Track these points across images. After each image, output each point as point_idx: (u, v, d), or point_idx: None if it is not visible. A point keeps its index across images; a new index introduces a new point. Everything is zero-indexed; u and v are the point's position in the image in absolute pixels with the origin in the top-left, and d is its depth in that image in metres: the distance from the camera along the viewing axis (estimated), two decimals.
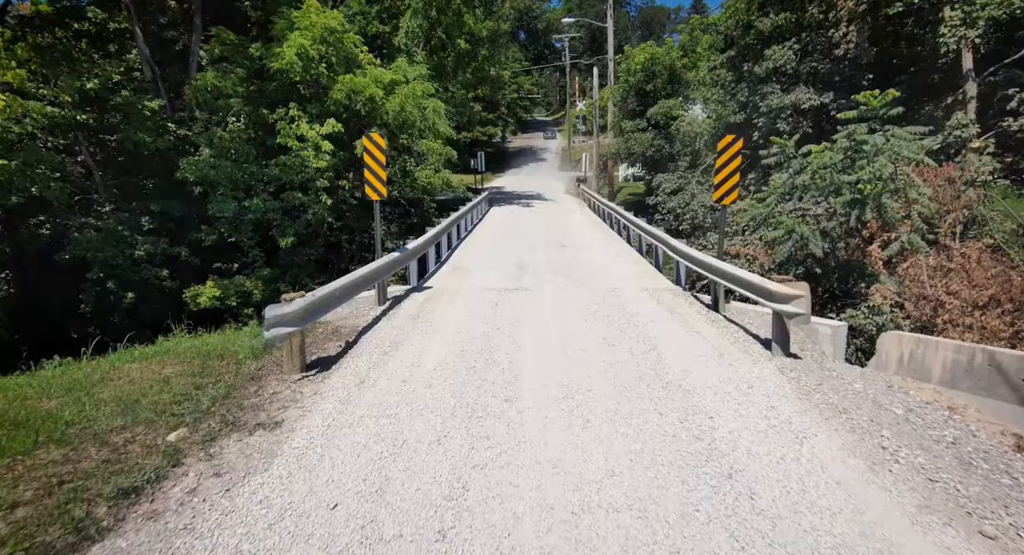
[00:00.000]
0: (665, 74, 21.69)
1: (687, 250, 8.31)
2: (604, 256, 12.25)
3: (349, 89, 16.31)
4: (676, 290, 8.81)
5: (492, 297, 8.28)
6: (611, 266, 10.97)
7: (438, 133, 18.44)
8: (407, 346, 6.05)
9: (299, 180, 16.45)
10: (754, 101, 14.81)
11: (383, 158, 7.48)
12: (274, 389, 4.97)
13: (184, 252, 16.83)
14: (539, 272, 10.32)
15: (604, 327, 6.75)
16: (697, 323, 6.93)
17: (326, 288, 5.76)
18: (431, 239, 10.42)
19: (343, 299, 6.31)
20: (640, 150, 21.37)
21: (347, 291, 6.32)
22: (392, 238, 19.61)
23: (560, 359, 5.61)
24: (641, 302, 7.98)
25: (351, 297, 6.67)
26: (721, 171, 7.18)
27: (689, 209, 15.87)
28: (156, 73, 17.94)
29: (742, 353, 5.82)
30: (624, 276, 9.95)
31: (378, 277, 7.37)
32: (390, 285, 11.49)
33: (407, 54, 22.16)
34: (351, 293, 6.52)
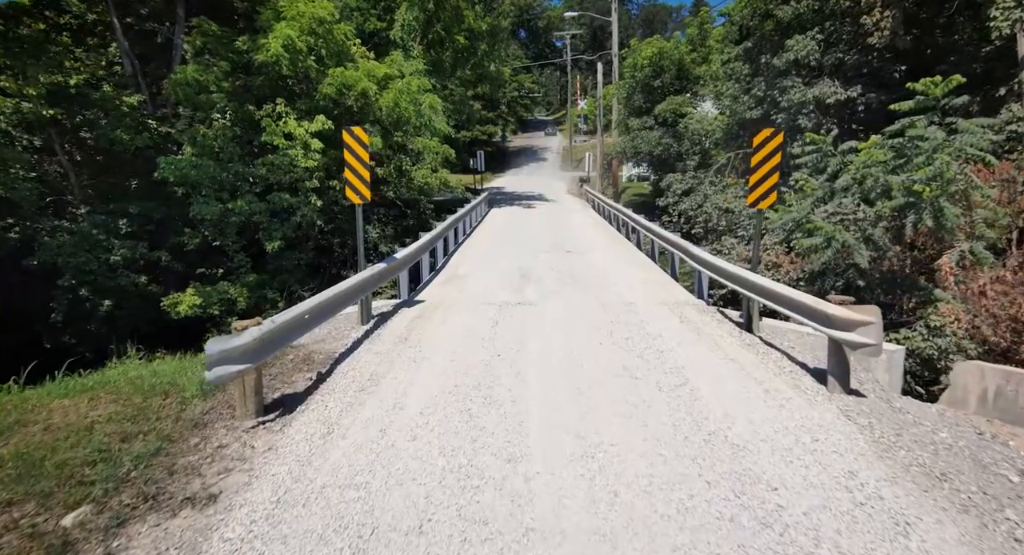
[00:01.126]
0: (673, 69, 20.69)
1: (713, 260, 7.33)
2: (613, 262, 11.26)
3: (340, 84, 15.34)
4: (698, 304, 7.83)
5: (491, 313, 7.29)
6: (622, 274, 9.99)
7: (435, 130, 17.46)
8: (390, 379, 5.06)
9: (287, 180, 15.49)
10: (772, 96, 13.83)
11: (366, 155, 6.51)
12: (220, 441, 3.99)
13: (165, 257, 15.87)
14: (543, 281, 9.34)
15: (622, 353, 5.77)
16: (730, 347, 5.94)
17: (291, 312, 4.78)
18: (424, 246, 9.44)
19: (315, 322, 5.32)
20: (647, 149, 20.39)
21: (319, 313, 5.33)
22: (387, 241, 18.64)
23: (573, 397, 4.63)
24: (661, 319, 6.99)
25: (328, 317, 5.69)
26: (758, 170, 6.19)
27: (702, 211, 14.88)
28: (136, 67, 16.95)
29: (792, 389, 4.83)
30: (637, 286, 8.97)
31: (359, 293, 6.39)
32: (377, 298, 10.51)
33: (403, 49, 21.20)
34: (325, 315, 5.54)
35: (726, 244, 14.10)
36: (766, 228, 13.89)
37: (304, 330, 5.12)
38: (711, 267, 7.38)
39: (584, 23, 75.72)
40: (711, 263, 7.36)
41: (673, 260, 9.93)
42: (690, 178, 16.08)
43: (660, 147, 20.01)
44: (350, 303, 6.10)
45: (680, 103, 19.98)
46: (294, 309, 4.89)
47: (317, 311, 5.27)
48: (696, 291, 8.33)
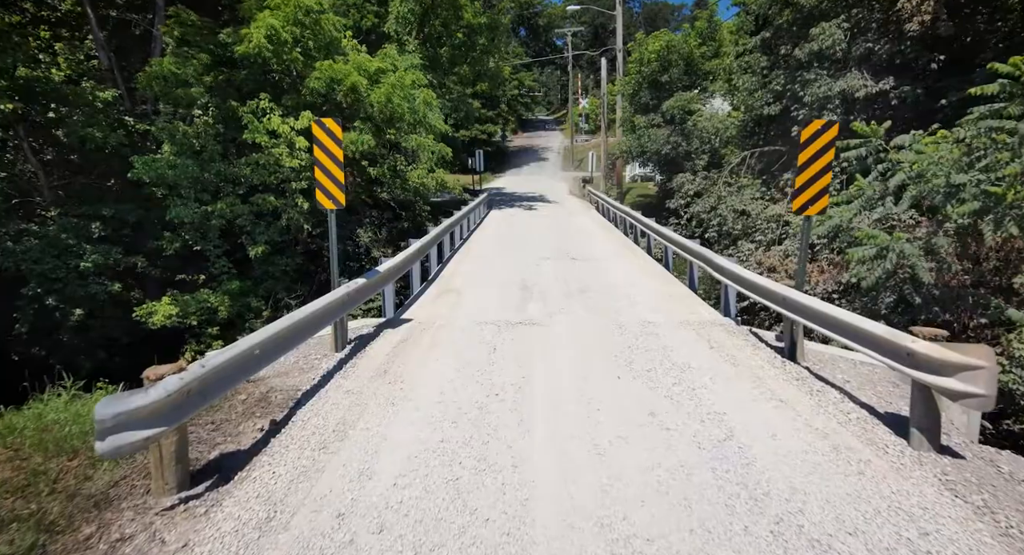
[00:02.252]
0: (681, 64, 19.67)
1: (746, 275, 6.31)
2: (624, 272, 10.24)
3: (328, 78, 14.34)
4: (726, 324, 6.81)
5: (489, 337, 6.28)
6: (635, 287, 8.97)
7: (430, 128, 16.44)
8: (360, 431, 4.04)
9: (272, 181, 14.50)
10: (793, 90, 12.80)
11: (339, 152, 5.50)
12: (121, 530, 2.97)
13: (141, 262, 14.88)
14: (547, 295, 8.32)
15: (646, 390, 4.75)
16: (776, 382, 4.93)
17: (233, 348, 3.77)
18: (414, 255, 8.43)
19: (272, 356, 4.31)
20: (655, 148, 19.36)
21: (276, 345, 4.32)
22: (380, 245, 17.63)
23: (591, 461, 3.61)
24: (687, 344, 5.98)
25: (291, 348, 4.68)
26: (806, 169, 5.18)
27: (716, 214, 13.86)
28: (112, 61, 15.95)
29: (867, 445, 3.82)
30: (654, 301, 7.95)
31: (329, 317, 5.37)
32: (360, 316, 9.50)
33: (398, 43, 20.20)
34: (286, 346, 4.52)
35: (743, 249, 13.10)
36: (785, 233, 12.90)
37: (256, 368, 4.10)
38: (743, 282, 6.36)
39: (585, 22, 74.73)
40: (743, 278, 6.35)
41: (691, 270, 8.91)
42: (702, 179, 15.07)
43: (668, 146, 18.99)
44: (317, 330, 5.09)
45: (689, 99, 18.96)
46: (239, 344, 3.88)
47: (272, 344, 4.25)
48: (722, 308, 7.31)
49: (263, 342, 4.09)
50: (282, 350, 4.49)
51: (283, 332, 4.42)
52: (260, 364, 4.10)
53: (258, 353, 4.02)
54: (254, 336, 4.07)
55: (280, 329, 4.35)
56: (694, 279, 8.85)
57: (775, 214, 13.16)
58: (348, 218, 17.75)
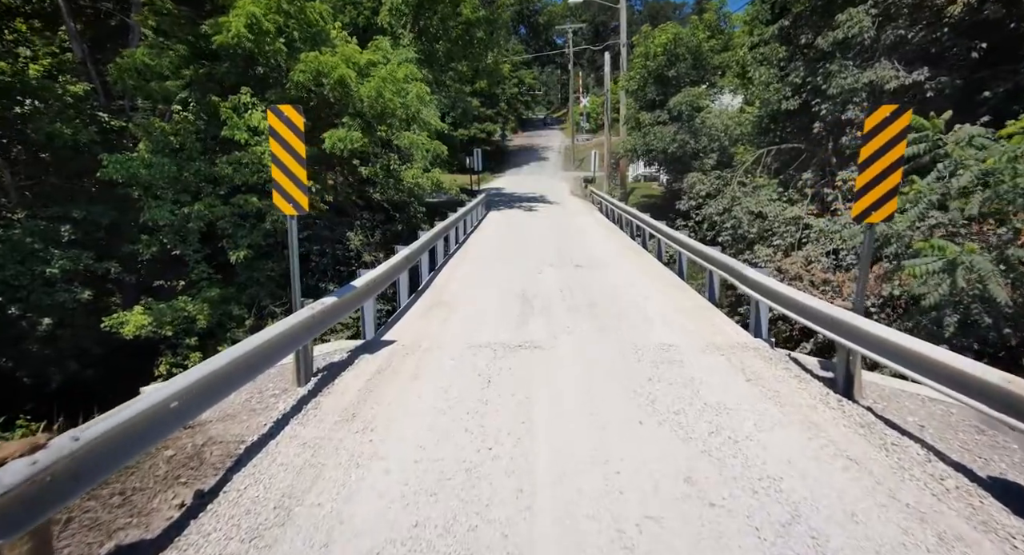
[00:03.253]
0: (689, 58, 18.72)
1: (787, 292, 5.32)
2: (635, 282, 9.27)
3: (314, 70, 13.37)
4: (759, 347, 5.84)
5: (483, 364, 5.31)
6: (649, 299, 7.99)
7: (424, 124, 15.48)
8: (309, 508, 3.08)
9: (254, 181, 13.54)
10: (814, 82, 11.84)
11: (300, 146, 4.55)
12: None
13: (114, 268, 13.90)
14: (551, 309, 7.35)
15: (678, 443, 3.80)
16: (836, 430, 3.97)
17: (132, 407, 2.79)
18: (400, 264, 7.46)
19: (200, 406, 3.34)
20: (661, 146, 18.40)
21: (203, 393, 3.34)
22: (372, 249, 16.68)
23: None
24: (718, 374, 5.02)
25: (230, 392, 3.71)
26: (871, 166, 4.22)
27: (730, 217, 12.90)
28: (86, 53, 15.00)
29: (984, 534, 2.86)
30: (672, 317, 6.98)
31: (289, 345, 4.41)
32: (335, 336, 8.56)
33: (392, 36, 19.25)
34: (221, 391, 3.55)
35: (759, 254, 12.14)
36: (806, 237, 11.94)
37: (169, 429, 3.12)
38: (781, 300, 5.39)
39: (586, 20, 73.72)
40: (781, 295, 5.37)
41: (711, 281, 7.94)
42: (715, 178, 14.11)
43: (675, 144, 18.03)
44: (269, 364, 4.13)
45: (698, 95, 18.00)
46: (142, 400, 2.91)
47: (200, 392, 3.28)
48: (752, 327, 6.35)
49: (185, 390, 3.12)
50: (217, 396, 3.53)
51: (220, 372, 3.45)
52: (179, 421, 3.13)
53: (175, 406, 3.06)
54: (172, 384, 3.11)
55: (213, 369, 3.38)
56: (714, 291, 7.89)
57: (794, 216, 12.21)
58: (338, 220, 16.81)
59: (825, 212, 12.48)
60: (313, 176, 14.98)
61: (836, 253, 10.97)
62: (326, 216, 16.04)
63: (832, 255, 10.96)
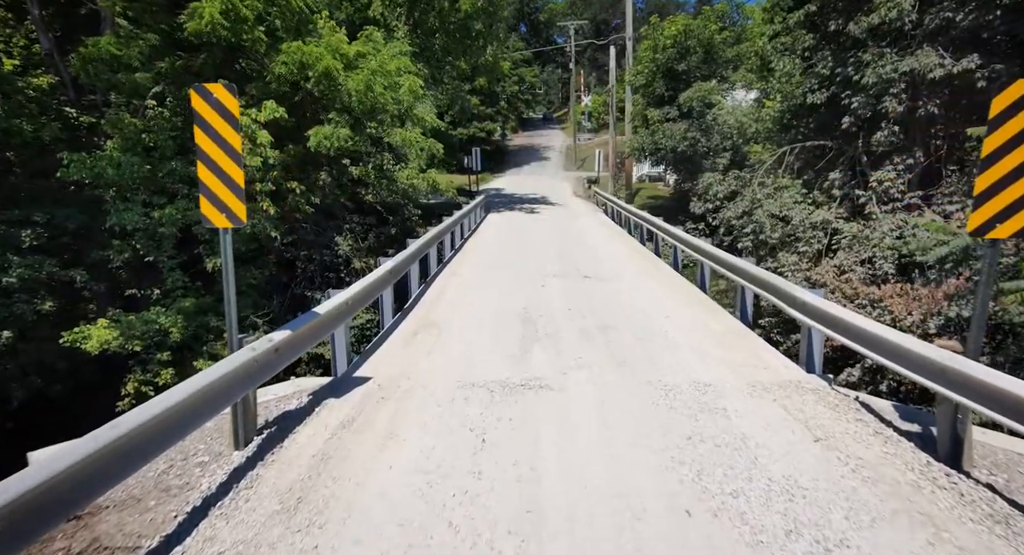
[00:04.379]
0: (700, 51, 17.63)
1: (863, 325, 4.20)
2: (652, 296, 8.17)
3: (297, 62, 12.31)
4: (817, 387, 4.74)
5: (475, 414, 4.22)
6: (672, 319, 6.89)
7: (417, 120, 14.40)
8: None
9: None
10: (844, 73, 10.75)
11: (235, 138, 3.46)
12: None
13: (81, 276, 12.81)
14: (558, 333, 6.26)
15: (744, 550, 2.71)
16: (960, 529, 2.87)
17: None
18: (381, 280, 6.35)
19: (108, 482, 2.25)
20: (671, 145, 17.30)
21: (96, 473, 2.24)
22: (362, 255, 15.59)
23: None
24: (775, 431, 3.92)
25: (113, 484, 2.63)
26: (997, 162, 3.12)
27: (751, 220, 11.80)
28: (52, 43, 13.92)
29: None
30: (703, 345, 5.87)
31: (220, 401, 3.30)
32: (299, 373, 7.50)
33: (386, 29, 18.15)
34: (96, 489, 2.46)
35: (784, 262, 11.06)
36: (837, 243, 10.85)
37: (59, 514, 2.03)
38: (858, 335, 4.26)
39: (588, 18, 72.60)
40: (859, 330, 4.23)
41: (743, 298, 6.82)
42: (733, 179, 13.03)
43: (686, 142, 16.94)
44: (189, 428, 3.02)
45: (709, 90, 16.91)
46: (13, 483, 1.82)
47: (92, 470, 2.18)
48: (803, 359, 5.25)
49: (74, 468, 2.02)
50: (112, 480, 2.43)
51: (116, 447, 2.35)
52: (63, 511, 2.03)
53: (60, 491, 1.96)
54: (59, 458, 2.01)
55: (111, 440, 2.29)
56: (747, 310, 6.79)
57: (821, 220, 11.12)
58: (326, 224, 15.73)
59: (856, 216, 11.40)
60: (299, 176, 13.93)
61: (872, 261, 9.88)
62: (312, 219, 14.93)
63: (868, 264, 9.88)
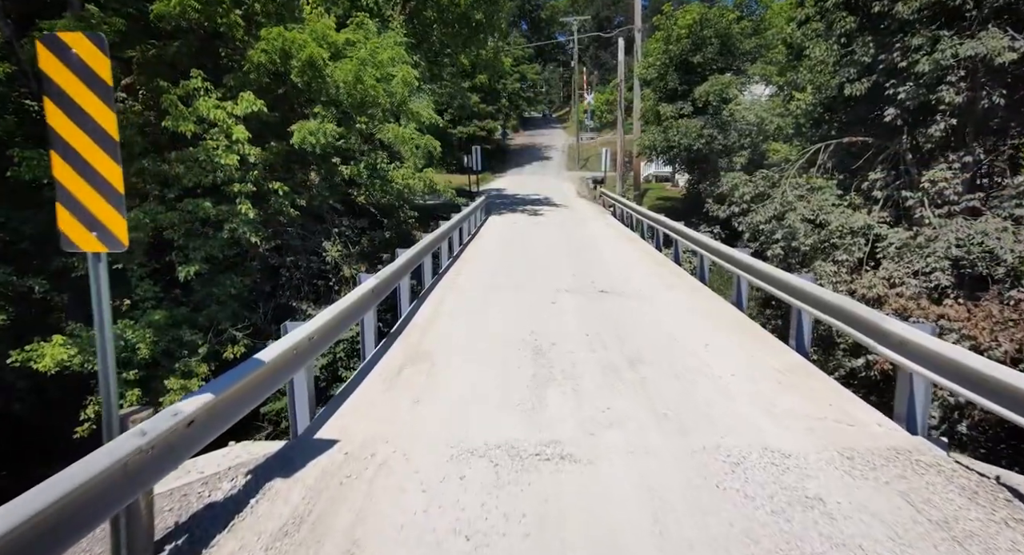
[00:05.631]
0: (716, 42, 16.43)
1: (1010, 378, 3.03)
2: (682, 318, 6.96)
3: (279, 49, 11.13)
4: (935, 459, 3.53)
5: (475, 506, 3.01)
6: (712, 349, 5.68)
7: (412, 115, 13.20)
8: None
9: (209, 182, 11.30)
10: (889, 60, 9.56)
11: (109, 118, 2.29)
12: None
13: (40, 286, 11.62)
14: (577, 372, 5.05)
15: None
16: None
17: None
18: (354, 309, 5.12)
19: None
20: (686, 142, 16.10)
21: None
22: (352, 261, 14.38)
23: None
24: (908, 543, 2.73)
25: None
26: None
27: (782, 225, 10.60)
28: (11, 30, 12.72)
29: None
30: (765, 391, 4.63)
31: (88, 518, 2.10)
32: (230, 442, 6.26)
33: (380, 18, 16.94)
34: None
35: (822, 272, 9.85)
36: (883, 252, 9.64)
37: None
38: (993, 390, 3.08)
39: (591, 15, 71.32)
40: (999, 383, 3.06)
41: (800, 324, 5.61)
42: (760, 179, 11.84)
43: (703, 140, 15.74)
44: None
45: (727, 84, 15.71)
46: None
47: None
48: (900, 414, 4.04)
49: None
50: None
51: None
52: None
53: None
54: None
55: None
56: (805, 339, 5.58)
57: (863, 225, 9.92)
58: (314, 228, 14.50)
59: (900, 220, 10.21)
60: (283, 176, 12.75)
61: (927, 273, 8.68)
62: (299, 222, 13.70)
63: (922, 276, 8.67)
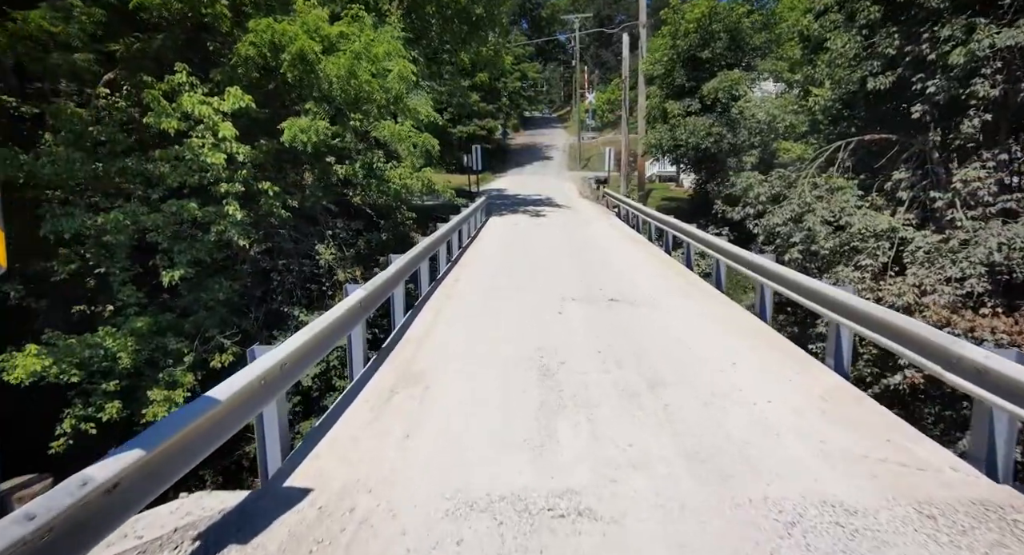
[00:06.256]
0: (725, 38, 15.83)
1: None
2: (704, 331, 6.35)
3: (267, 42, 10.55)
4: None
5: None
6: (743, 370, 5.07)
7: (410, 111, 12.60)
8: None
9: (196, 182, 10.74)
10: (918, 52, 8.96)
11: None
12: None
13: (15, 291, 11.03)
14: (591, 398, 4.44)
15: None
16: None
17: None
18: (342, 321, 4.50)
19: None
20: (694, 141, 15.49)
21: None
22: (347, 265, 13.78)
23: None
24: None
25: None
26: None
27: (800, 228, 9.99)
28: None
29: None
30: (807, 419, 4.04)
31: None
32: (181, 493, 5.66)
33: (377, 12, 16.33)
34: None
35: (845, 278, 9.25)
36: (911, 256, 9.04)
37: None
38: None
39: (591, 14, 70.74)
40: None
41: (839, 342, 5.00)
42: (776, 179, 11.23)
43: (711, 138, 15.13)
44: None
45: (736, 80, 15.10)
46: None
47: None
48: (976, 455, 3.44)
49: None
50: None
51: None
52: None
53: None
54: None
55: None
56: (844, 358, 4.97)
57: (888, 228, 9.31)
58: (307, 230, 13.89)
59: (927, 222, 9.61)
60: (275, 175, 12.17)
61: (960, 280, 8.07)
62: (291, 224, 13.08)
63: (955, 283, 8.07)
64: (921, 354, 3.87)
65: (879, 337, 4.29)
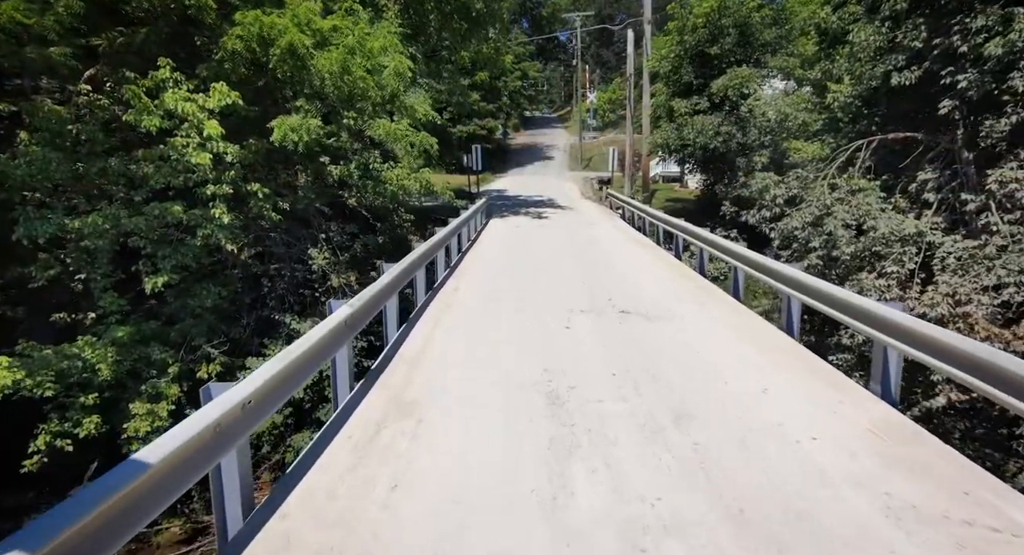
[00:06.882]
0: (735, 33, 15.25)
1: None
2: (729, 349, 5.78)
3: (255, 35, 9.98)
4: None
5: None
6: (777, 398, 4.50)
7: (406, 109, 12.03)
8: None
9: (181, 183, 10.19)
10: (947, 44, 8.39)
11: None
12: None
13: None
14: (608, 435, 3.86)
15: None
16: None
17: None
18: (321, 346, 3.92)
19: None
20: (702, 140, 14.91)
21: None
22: (342, 270, 13.20)
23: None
24: None
25: None
26: None
27: (820, 232, 9.42)
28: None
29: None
30: (858, 461, 3.48)
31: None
32: None
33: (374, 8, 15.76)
34: None
35: (870, 286, 8.68)
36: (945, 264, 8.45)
37: None
38: None
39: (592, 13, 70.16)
40: None
41: (885, 364, 4.44)
42: (794, 179, 10.65)
43: (720, 138, 14.55)
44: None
45: (746, 77, 14.53)
46: None
47: None
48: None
49: None
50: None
51: None
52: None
53: None
54: None
55: None
56: (892, 384, 4.40)
57: (915, 232, 8.73)
58: (300, 233, 13.31)
59: (957, 226, 9.03)
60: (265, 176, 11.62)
61: (997, 288, 7.49)
62: (283, 227, 12.50)
63: (992, 292, 7.49)
64: (996, 386, 3.29)
65: (941, 363, 3.70)
